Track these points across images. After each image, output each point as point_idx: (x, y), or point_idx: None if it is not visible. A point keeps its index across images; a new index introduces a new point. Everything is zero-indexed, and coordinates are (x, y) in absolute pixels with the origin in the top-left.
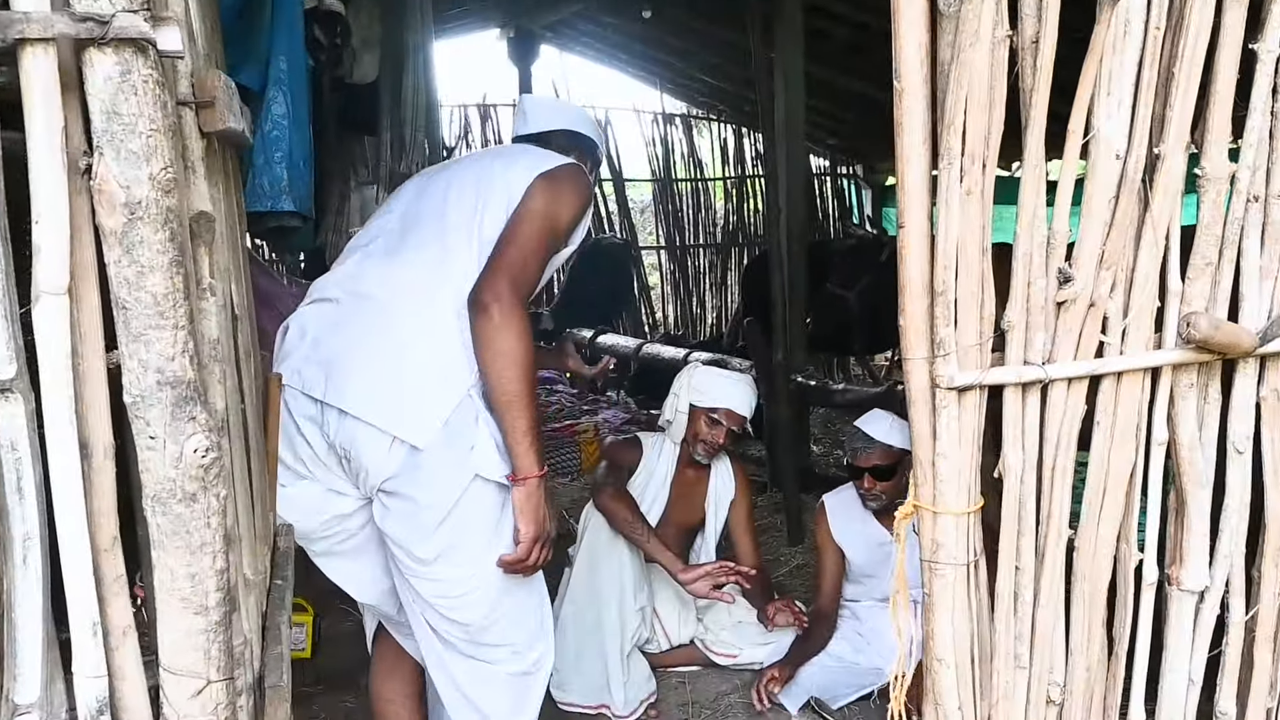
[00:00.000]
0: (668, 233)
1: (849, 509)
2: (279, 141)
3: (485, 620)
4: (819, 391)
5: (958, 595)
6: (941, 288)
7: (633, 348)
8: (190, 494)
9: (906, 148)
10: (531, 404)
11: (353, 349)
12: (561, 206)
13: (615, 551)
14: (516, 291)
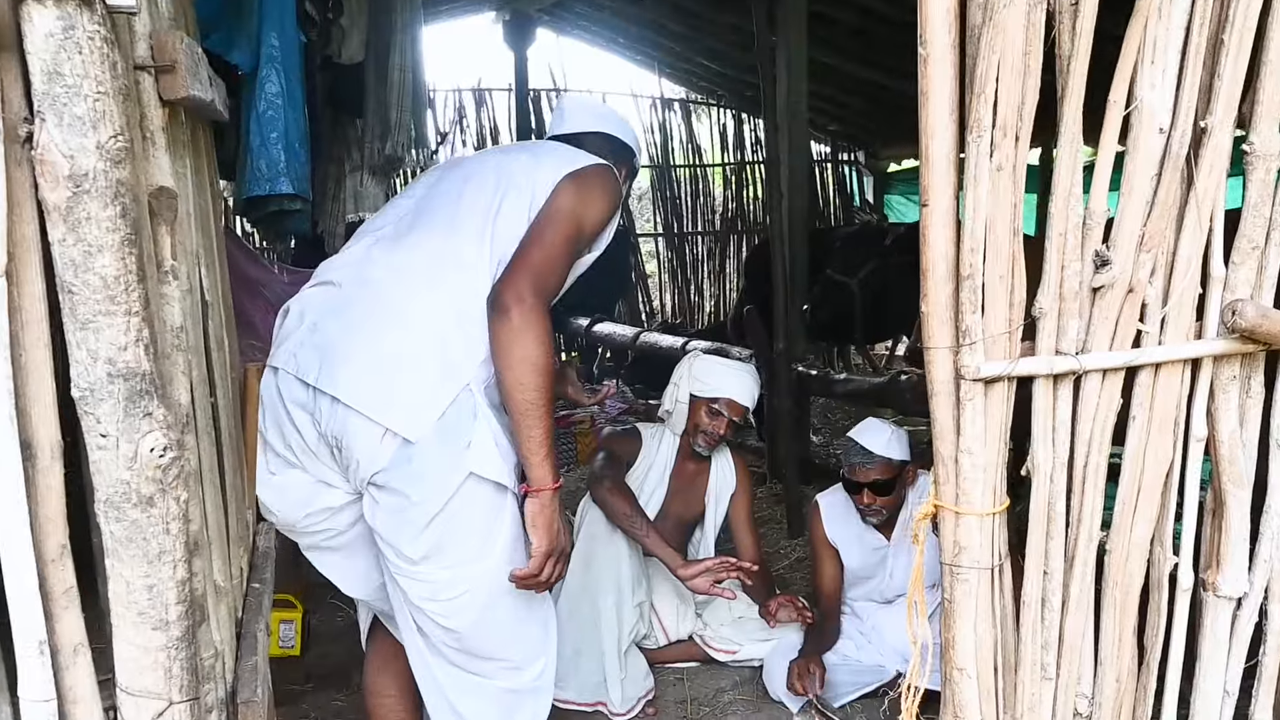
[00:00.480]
0: (665, 220)
1: (844, 511)
2: (274, 122)
3: (476, 628)
4: (820, 381)
5: (981, 601)
6: (968, 271)
7: (630, 336)
8: (147, 497)
9: (932, 119)
10: (548, 413)
11: (349, 335)
12: (589, 208)
13: (613, 546)
14: (539, 294)
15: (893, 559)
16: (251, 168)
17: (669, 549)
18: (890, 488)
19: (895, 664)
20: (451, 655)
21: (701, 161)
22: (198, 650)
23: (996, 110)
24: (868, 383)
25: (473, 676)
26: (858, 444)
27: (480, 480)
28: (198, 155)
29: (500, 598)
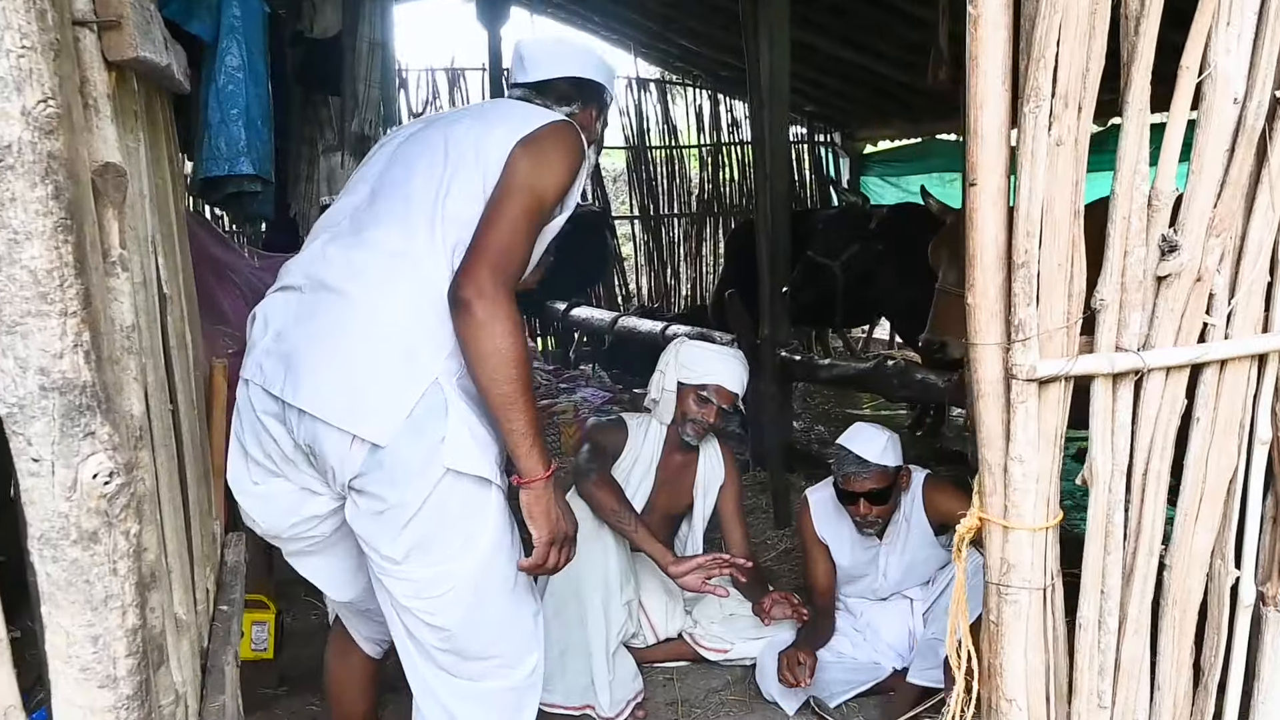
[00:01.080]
0: (642, 202)
1: (834, 508)
2: (235, 97)
3: (464, 626)
4: (804, 366)
5: (1032, 625)
6: (1022, 259)
7: (608, 320)
8: (89, 533)
9: (981, 87)
10: (529, 402)
11: (311, 343)
12: (546, 174)
13: (599, 542)
14: (500, 281)
15: (885, 558)
16: (210, 146)
17: (659, 544)
18: (887, 496)
19: (891, 661)
20: (442, 659)
21: (678, 143)
22: (154, 701)
23: (1057, 77)
24: (853, 368)
25: (466, 682)
26: (852, 453)
27: (459, 475)
28: (154, 128)
29: (487, 594)
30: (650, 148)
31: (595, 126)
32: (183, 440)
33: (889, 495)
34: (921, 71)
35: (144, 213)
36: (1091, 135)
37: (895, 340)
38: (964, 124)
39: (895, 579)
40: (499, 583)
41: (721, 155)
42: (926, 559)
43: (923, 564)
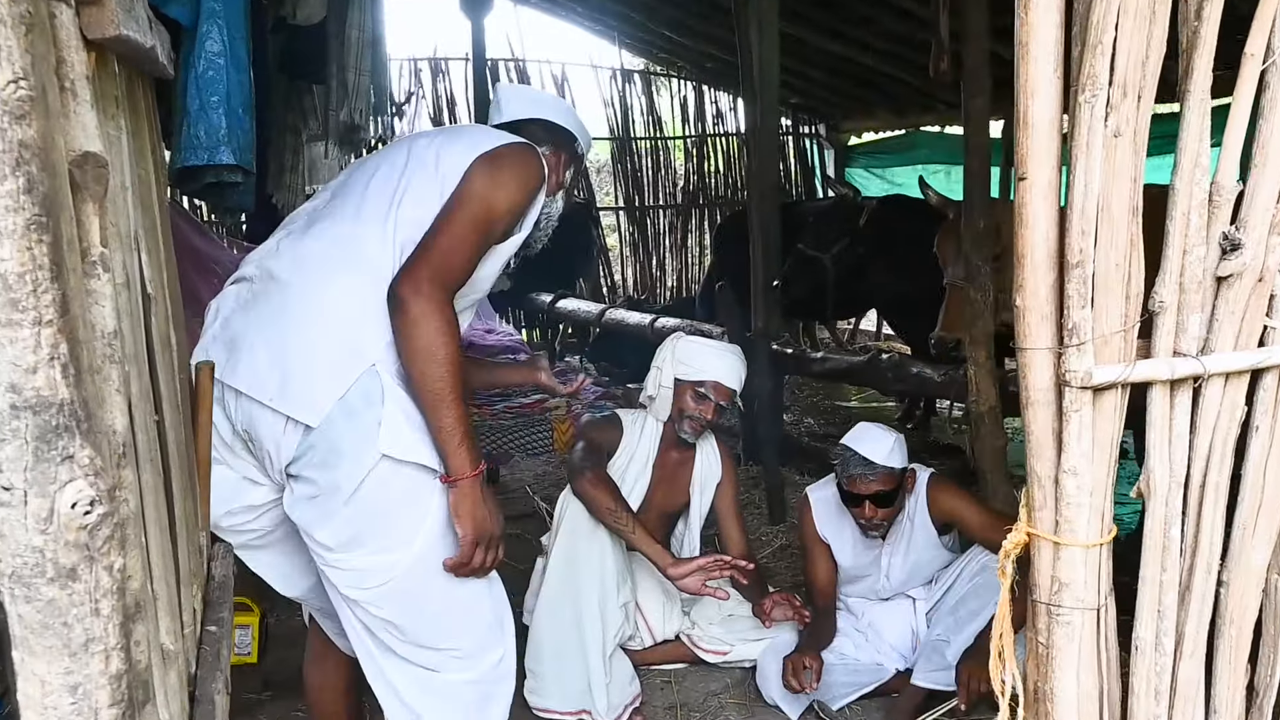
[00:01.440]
0: (626, 193)
1: (836, 507)
2: (214, 84)
3: (411, 617)
4: (796, 359)
5: (1085, 647)
6: (1077, 258)
7: (595, 313)
8: (67, 569)
9: (1032, 75)
10: (457, 401)
11: (252, 327)
12: (500, 189)
13: (595, 542)
14: (438, 284)
15: (888, 559)
16: (189, 134)
17: (657, 545)
18: (893, 499)
19: (894, 662)
20: (399, 648)
21: (662, 134)
22: None
23: (1114, 65)
24: (846, 361)
25: (424, 671)
26: (858, 454)
27: (397, 464)
28: (136, 115)
29: (431, 584)
30: (635, 139)
31: (562, 173)
32: (169, 452)
33: (895, 498)
34: (907, 63)
35: (126, 207)
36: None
37: (882, 331)
38: (964, 114)
39: (899, 580)
40: (443, 574)
41: (706, 147)
42: (930, 559)
43: (926, 564)
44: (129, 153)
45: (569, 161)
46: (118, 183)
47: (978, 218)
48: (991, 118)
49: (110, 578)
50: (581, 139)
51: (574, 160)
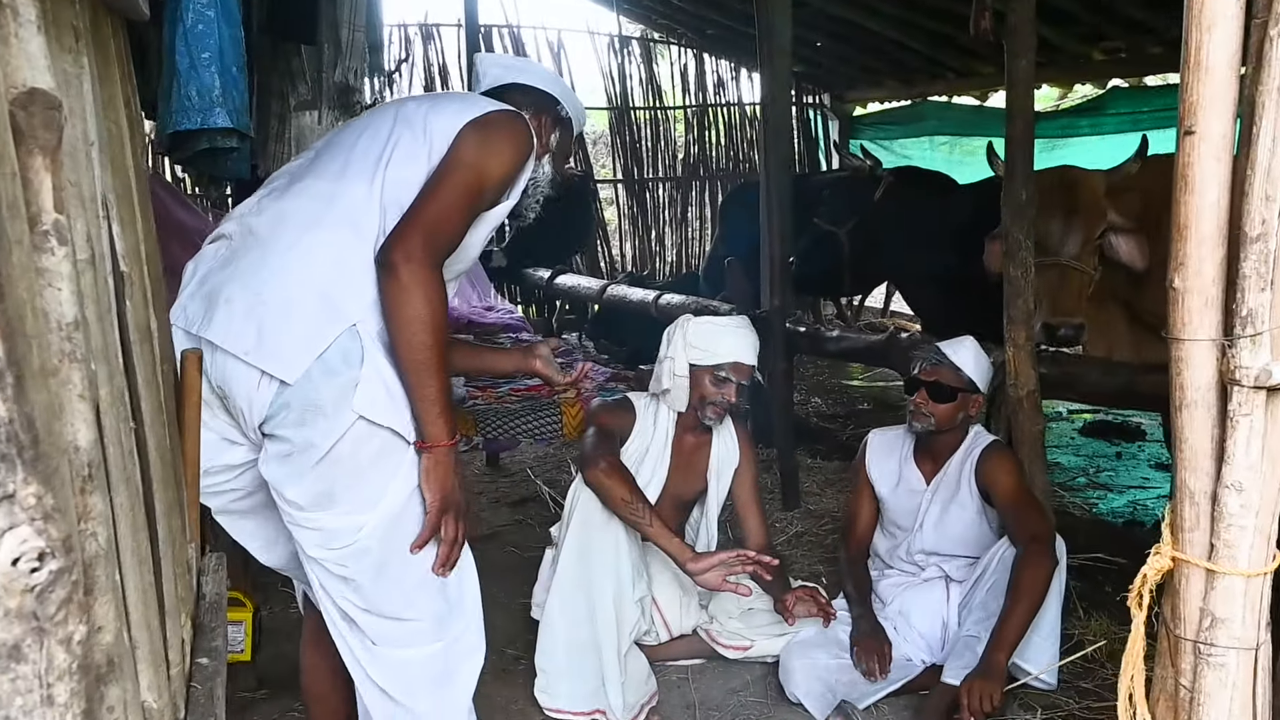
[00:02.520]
0: (624, 165)
1: (893, 448)
2: (205, 39)
3: (374, 581)
4: (810, 338)
5: (1239, 691)
6: (1257, 230)
7: (595, 289)
8: (8, 647)
9: (1208, 4)
10: (441, 370)
11: (230, 281)
12: (490, 156)
13: (609, 534)
14: (430, 251)
15: (925, 508)
16: (179, 96)
17: (675, 539)
18: (948, 396)
19: (921, 654)
20: (362, 620)
21: (662, 104)
22: None
23: None
24: (863, 340)
25: (389, 649)
26: (938, 347)
27: (371, 426)
28: (104, 57)
29: (395, 550)
30: (633, 109)
31: (546, 136)
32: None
33: (951, 396)
34: (916, 29)
35: (91, 165)
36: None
37: (889, 307)
38: (1007, 76)
39: (930, 536)
40: (407, 539)
41: (707, 117)
42: (969, 526)
43: (964, 531)
44: (94, 99)
45: (552, 124)
46: (78, 133)
47: (1020, 189)
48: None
49: (67, 653)
50: (566, 102)
51: (558, 123)
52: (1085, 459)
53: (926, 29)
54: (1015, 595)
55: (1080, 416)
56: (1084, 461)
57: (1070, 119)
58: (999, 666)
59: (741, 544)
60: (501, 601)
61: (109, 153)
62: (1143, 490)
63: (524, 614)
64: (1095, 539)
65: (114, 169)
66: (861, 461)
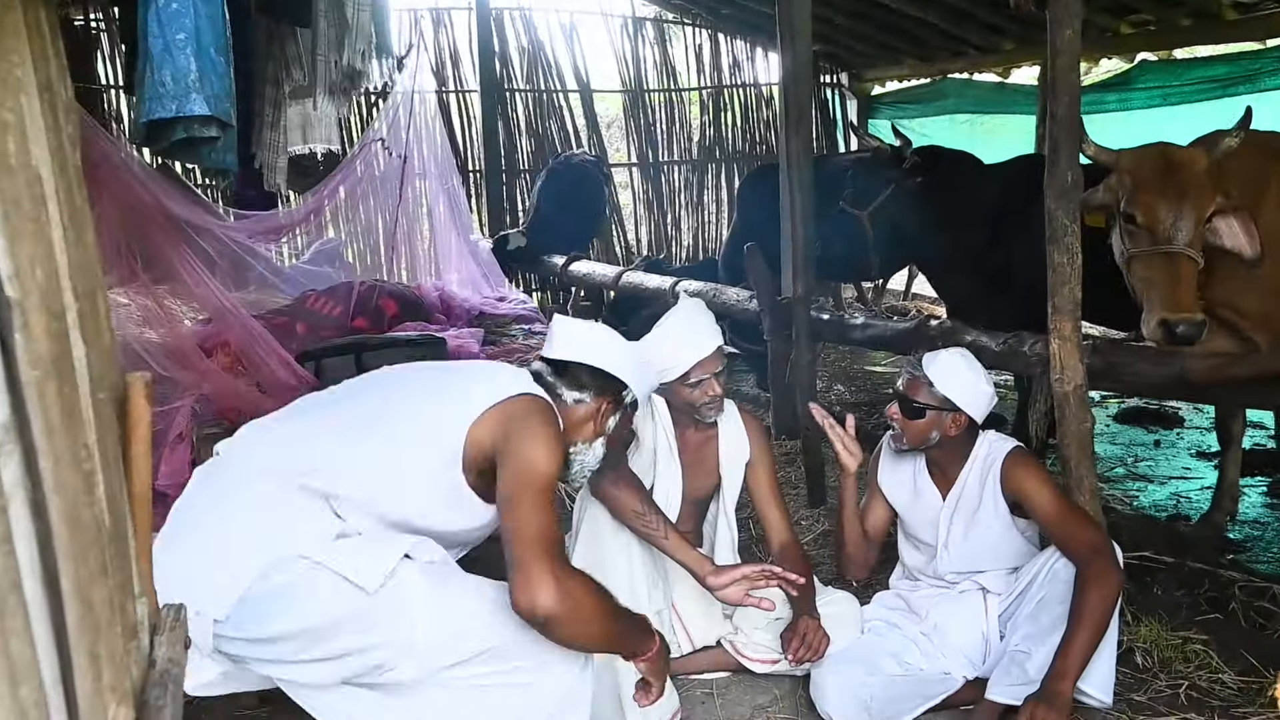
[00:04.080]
0: (639, 148)
1: (906, 457)
2: (179, 18)
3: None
4: (835, 326)
5: None
6: None
7: (611, 276)
8: None
9: None
10: (619, 633)
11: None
12: (536, 451)
13: (620, 544)
14: (551, 566)
15: (948, 527)
16: (152, 82)
17: (693, 552)
18: (915, 413)
19: (962, 669)
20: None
21: (676, 85)
22: None
23: None
24: (890, 329)
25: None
26: (919, 359)
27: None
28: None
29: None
30: (647, 91)
31: (602, 421)
32: (50, 526)
33: (918, 414)
34: (937, 4)
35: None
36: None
37: (910, 290)
38: (1050, 48)
39: (958, 553)
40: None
41: (723, 98)
42: (998, 540)
43: (994, 545)
44: None
45: (613, 408)
46: None
47: (1065, 169)
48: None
49: None
50: (635, 386)
51: (619, 408)
52: (1122, 448)
53: (947, 4)
54: (1079, 619)
55: (1113, 402)
56: (1121, 450)
57: (1097, 94)
58: (1064, 698)
59: (764, 542)
60: None
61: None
62: (1185, 481)
63: None
64: (1140, 536)
65: (5, 168)
66: (874, 467)
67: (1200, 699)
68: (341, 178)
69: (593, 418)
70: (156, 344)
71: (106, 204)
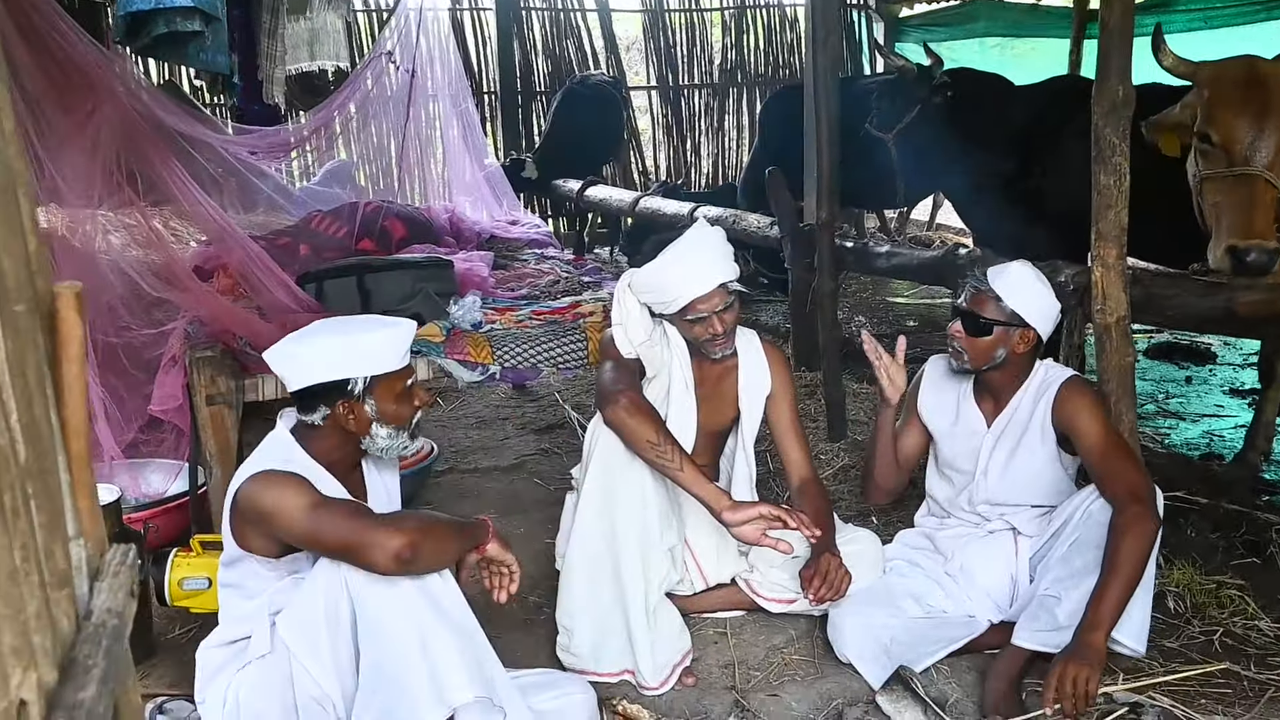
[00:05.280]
0: (659, 72)
1: (952, 380)
2: None
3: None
4: (859, 254)
5: None
6: None
7: (628, 202)
8: None
9: None
10: (465, 532)
11: None
12: (281, 507)
13: (633, 476)
14: (376, 530)
15: (989, 454)
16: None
17: (710, 486)
18: (981, 330)
19: (987, 613)
20: None
21: (698, 6)
22: None
23: None
24: (916, 257)
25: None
26: (983, 274)
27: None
28: None
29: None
30: (668, 12)
31: (357, 420)
32: None
33: (985, 331)
34: None
35: None
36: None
37: (934, 220)
38: None
39: (997, 483)
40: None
41: (746, 19)
42: (1039, 474)
43: (1032, 479)
44: None
45: (350, 406)
46: None
47: (1116, 84)
48: None
49: None
50: (354, 371)
51: (355, 398)
52: (1153, 384)
53: None
54: (1114, 567)
55: (1143, 337)
56: (1151, 387)
57: (1136, 15)
58: (1098, 649)
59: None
60: (522, 538)
61: None
62: (1217, 419)
63: (547, 555)
64: (1172, 475)
65: None
66: (915, 391)
67: (1235, 646)
68: (350, 92)
69: (343, 422)
70: (146, 266)
71: (105, 121)
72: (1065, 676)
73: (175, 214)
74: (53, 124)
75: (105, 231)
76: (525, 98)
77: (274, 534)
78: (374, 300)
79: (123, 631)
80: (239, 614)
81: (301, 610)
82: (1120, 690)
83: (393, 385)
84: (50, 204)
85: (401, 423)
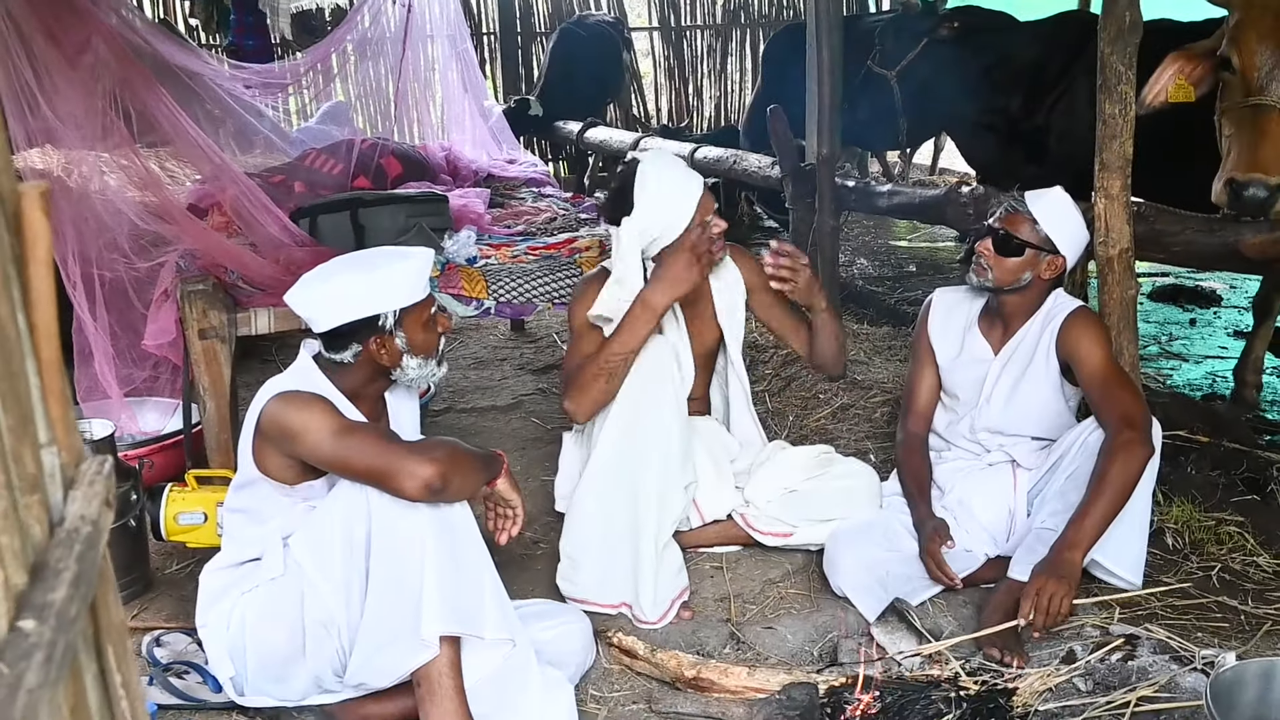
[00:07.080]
0: (661, 12)
1: (958, 311)
2: None
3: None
4: (860, 194)
5: None
6: None
7: (628, 143)
8: None
9: None
10: (487, 462)
11: None
12: (309, 428)
13: (658, 414)
14: (405, 458)
15: (994, 381)
16: None
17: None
18: (1014, 250)
19: (984, 547)
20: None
21: None
22: None
23: None
24: (919, 196)
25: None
26: (1021, 198)
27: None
28: None
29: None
30: None
31: (389, 354)
32: None
33: (1018, 252)
34: None
35: None
36: None
37: (937, 164)
38: None
39: (998, 412)
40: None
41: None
42: (1042, 404)
43: (1036, 408)
44: None
45: (382, 340)
46: None
47: (1123, 8)
48: None
49: None
50: (386, 305)
51: (386, 333)
52: (1156, 326)
53: None
54: (1100, 486)
55: (1147, 279)
56: (1155, 329)
57: None
58: (1073, 567)
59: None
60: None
61: None
62: (1220, 360)
63: (543, 492)
64: (1173, 414)
65: None
66: (924, 324)
67: (1233, 582)
68: (346, 29)
69: (375, 357)
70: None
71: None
72: (1042, 591)
73: (170, 155)
74: (46, 62)
75: (102, 173)
76: (525, 39)
77: (298, 454)
78: (368, 235)
79: (97, 539)
80: (247, 537)
81: (318, 530)
82: (1116, 624)
83: (419, 315)
84: (46, 144)
85: (429, 351)
